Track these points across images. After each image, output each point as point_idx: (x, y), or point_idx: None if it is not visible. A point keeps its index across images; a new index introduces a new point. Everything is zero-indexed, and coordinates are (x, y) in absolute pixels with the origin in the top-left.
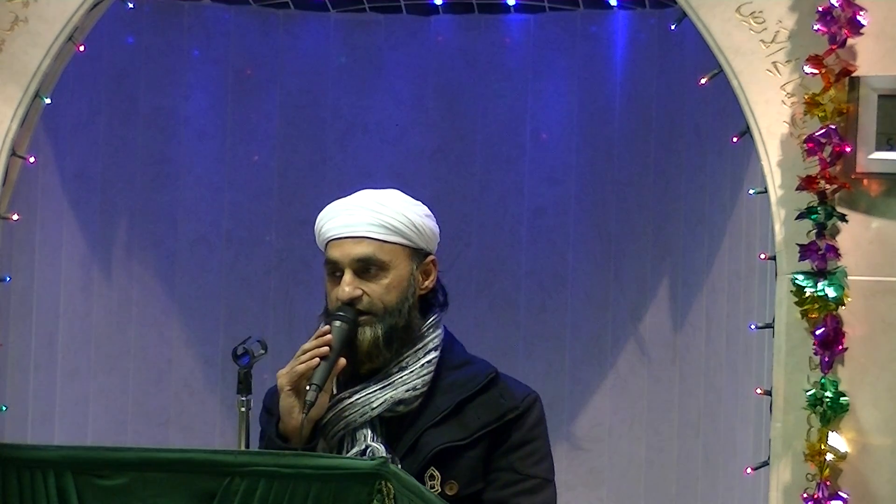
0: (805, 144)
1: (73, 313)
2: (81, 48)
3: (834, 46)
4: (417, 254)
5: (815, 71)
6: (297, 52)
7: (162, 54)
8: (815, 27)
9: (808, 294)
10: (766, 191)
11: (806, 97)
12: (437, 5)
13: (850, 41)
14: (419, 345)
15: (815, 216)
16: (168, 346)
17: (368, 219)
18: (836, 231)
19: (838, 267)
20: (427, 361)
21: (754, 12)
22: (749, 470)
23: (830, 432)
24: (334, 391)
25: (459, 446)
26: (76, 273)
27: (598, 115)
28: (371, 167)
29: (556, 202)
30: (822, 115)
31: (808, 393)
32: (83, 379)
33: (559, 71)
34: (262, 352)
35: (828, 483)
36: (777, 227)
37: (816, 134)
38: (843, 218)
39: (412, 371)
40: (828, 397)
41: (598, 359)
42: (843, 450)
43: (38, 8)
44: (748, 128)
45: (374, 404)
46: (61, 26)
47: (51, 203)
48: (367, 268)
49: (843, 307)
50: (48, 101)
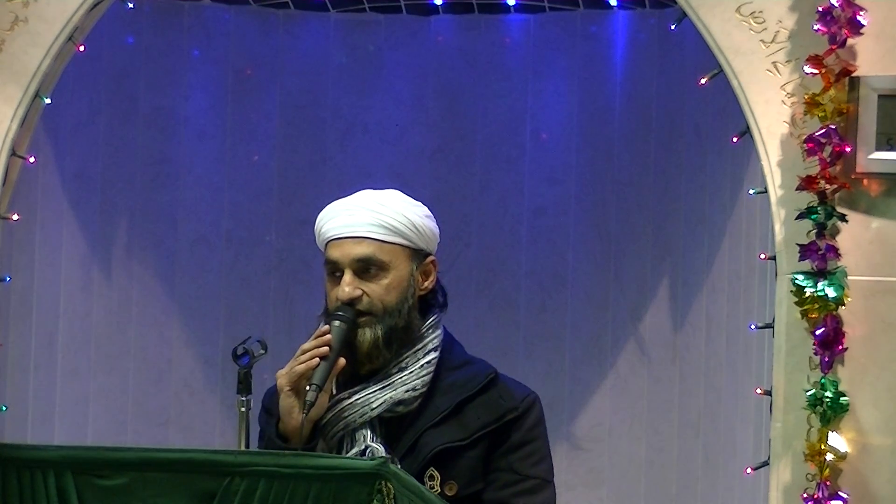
0: (805, 144)
1: (73, 313)
2: (81, 48)
3: (834, 46)
4: (417, 254)
5: (815, 71)
6: (297, 52)
7: (162, 54)
8: (815, 27)
9: (808, 294)
10: (766, 191)
11: (806, 97)
12: (437, 5)
13: (850, 41)
14: (419, 345)
15: (815, 216)
16: (168, 346)
17: (369, 219)
18: (836, 231)
19: (838, 267)
20: (427, 362)
21: (754, 12)
22: (749, 470)
23: (830, 432)
24: (334, 391)
25: (459, 447)
26: (76, 273)
27: (598, 115)
28: (371, 167)
29: (556, 202)
30: (822, 115)
31: (808, 393)
32: (83, 379)
33: (559, 71)
34: (262, 352)
35: (828, 483)
36: (777, 227)
37: (816, 134)
38: (843, 218)
39: (412, 372)
40: (828, 397)
41: (598, 359)
42: (843, 450)
43: (38, 8)
44: (748, 128)
45: (374, 405)
46: (61, 26)
47: (51, 203)
48: (366, 268)
49: (843, 307)
50: (48, 101)
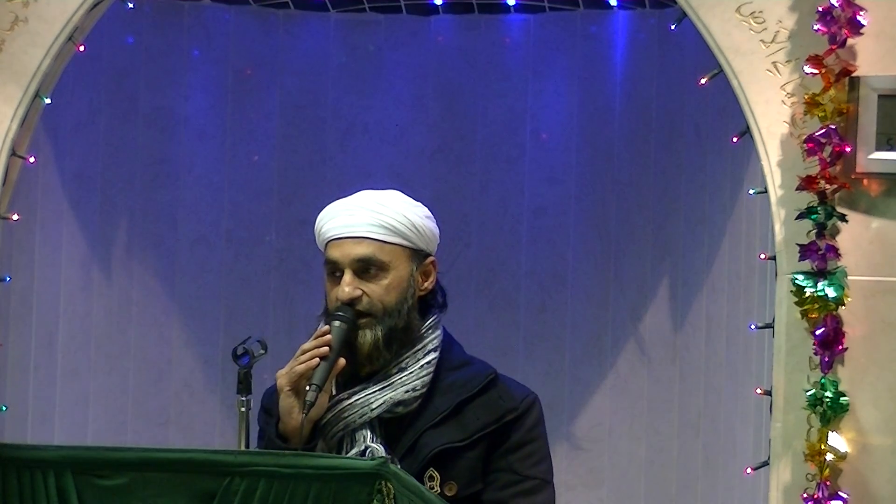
0: (805, 144)
1: (73, 313)
2: (81, 48)
3: (834, 46)
4: (417, 255)
5: (815, 71)
6: (297, 52)
7: (162, 54)
8: (815, 27)
9: (808, 294)
10: (766, 191)
11: (806, 97)
12: (437, 5)
13: (850, 41)
14: (418, 346)
15: (815, 216)
16: (168, 346)
17: (369, 219)
18: (836, 231)
19: (838, 267)
20: (426, 362)
21: (754, 12)
22: (749, 470)
23: (830, 432)
24: (333, 392)
25: (458, 447)
26: (76, 273)
27: (598, 115)
28: (371, 167)
29: (556, 202)
30: (822, 115)
31: (808, 393)
32: (83, 379)
33: (559, 71)
34: (262, 352)
35: (828, 483)
36: (777, 227)
37: (816, 134)
38: (843, 218)
39: (411, 372)
40: (828, 397)
41: (598, 359)
42: (843, 450)
43: (38, 8)
44: (748, 128)
45: (374, 405)
46: (61, 26)
47: (51, 203)
48: (366, 268)
49: (843, 307)
50: (48, 101)
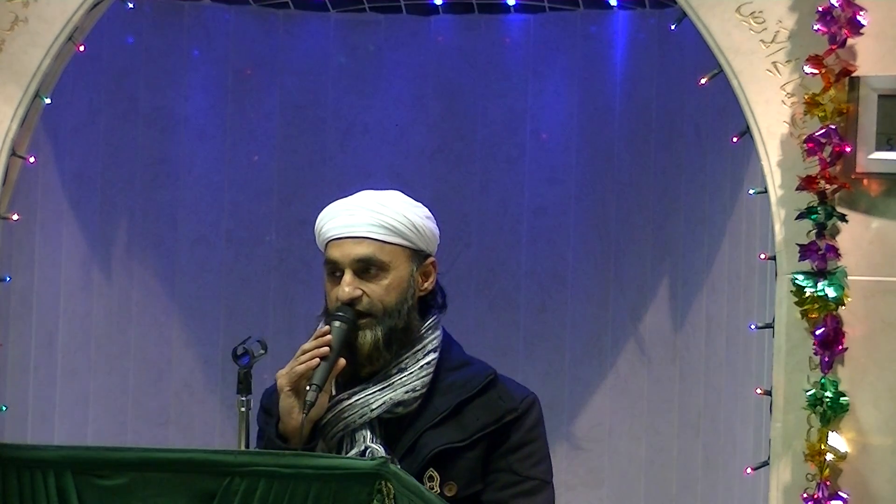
0: (805, 144)
1: (73, 313)
2: (81, 48)
3: (834, 46)
4: (417, 255)
5: (815, 71)
6: (297, 52)
7: (162, 54)
8: (815, 27)
9: (808, 294)
10: (766, 191)
11: (806, 97)
12: (437, 5)
13: (850, 41)
14: (418, 346)
15: (815, 216)
16: (168, 346)
17: (369, 219)
18: (836, 231)
19: (838, 267)
20: (426, 363)
21: (754, 12)
22: (749, 470)
23: (830, 432)
24: (333, 392)
25: (458, 447)
26: (76, 273)
27: (598, 115)
28: (371, 167)
29: (556, 202)
30: (822, 115)
31: (808, 393)
32: (83, 379)
33: (559, 71)
34: (262, 352)
35: (828, 483)
36: (777, 227)
37: (816, 134)
38: (843, 218)
39: (411, 372)
40: (828, 397)
41: (598, 359)
42: (843, 450)
43: (38, 8)
44: (748, 128)
45: (373, 405)
46: (61, 26)
47: (51, 203)
48: (367, 268)
49: (843, 307)
50: (48, 101)
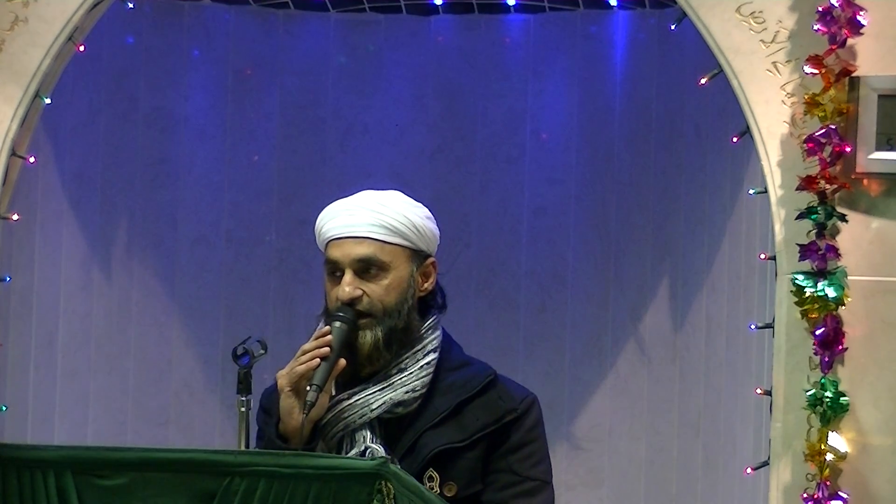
0: (805, 144)
1: (73, 313)
2: (81, 48)
3: (834, 46)
4: (418, 255)
5: (815, 71)
6: (297, 52)
7: (162, 54)
8: (815, 27)
9: (808, 294)
10: (766, 191)
11: (806, 97)
12: (437, 5)
13: (850, 41)
14: (418, 346)
15: (815, 216)
16: (168, 346)
17: (370, 219)
18: (836, 231)
19: (838, 267)
20: (426, 363)
21: (754, 12)
22: (749, 470)
23: (830, 432)
24: (333, 392)
25: (458, 448)
26: (76, 273)
27: (598, 115)
28: (371, 167)
29: (556, 202)
30: (822, 115)
31: (808, 393)
32: (83, 379)
33: (559, 71)
34: (262, 352)
35: (828, 483)
36: (777, 227)
37: (816, 134)
38: (843, 218)
39: (411, 373)
40: (828, 397)
41: (598, 359)
42: (843, 450)
43: (38, 8)
44: (748, 128)
45: (373, 406)
46: (61, 26)
47: (51, 203)
48: (367, 268)
49: (843, 307)
50: (48, 101)
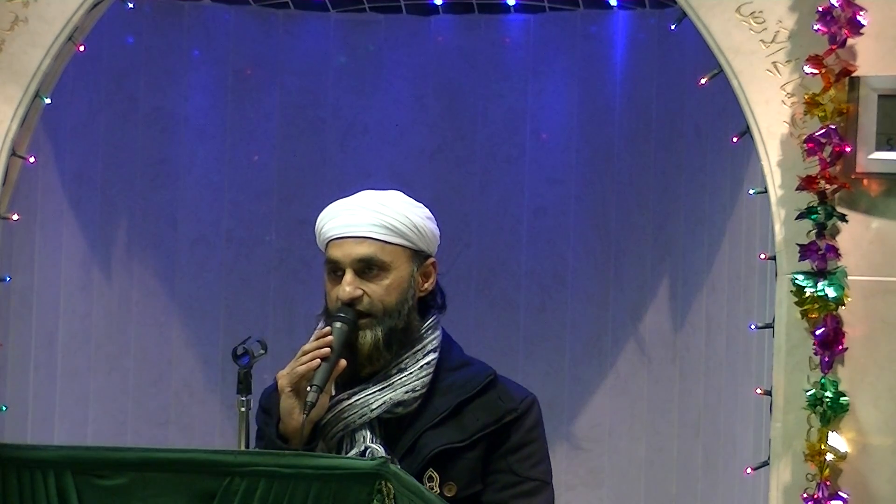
0: (805, 144)
1: (73, 313)
2: (81, 48)
3: (834, 46)
4: (418, 256)
5: (815, 71)
6: (297, 52)
7: (162, 54)
8: (815, 27)
9: (808, 294)
10: (766, 191)
11: (806, 97)
12: (437, 5)
13: (850, 41)
14: (418, 346)
15: (815, 216)
16: (168, 346)
17: (370, 219)
18: (836, 231)
19: (838, 267)
20: (426, 363)
21: (754, 12)
22: (749, 470)
23: (830, 432)
24: (333, 392)
25: (458, 448)
26: (76, 273)
27: (598, 115)
28: (371, 167)
29: (556, 202)
30: (822, 115)
31: (808, 393)
32: (83, 379)
33: (559, 71)
34: (262, 352)
35: (828, 483)
36: (777, 227)
37: (816, 134)
38: (843, 218)
39: (411, 373)
40: (828, 397)
41: (598, 359)
42: (843, 450)
43: (38, 8)
44: (748, 128)
45: (373, 406)
46: (61, 26)
47: (51, 203)
48: (368, 268)
49: (843, 307)
50: (48, 101)
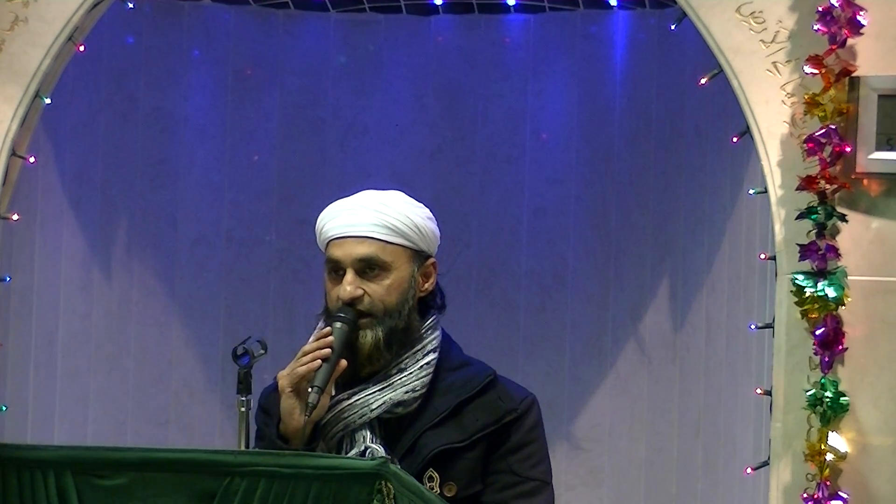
0: (805, 144)
1: (73, 313)
2: (81, 48)
3: (834, 46)
4: (418, 256)
5: (815, 71)
6: (297, 52)
7: (162, 54)
8: (815, 27)
9: (808, 294)
10: (766, 191)
11: (806, 97)
12: (437, 5)
13: (850, 41)
14: (417, 346)
15: (815, 216)
16: (168, 346)
17: (372, 219)
18: (836, 231)
19: (838, 267)
20: (426, 363)
21: (754, 12)
22: (749, 470)
23: (830, 432)
24: (333, 392)
25: (458, 448)
26: (76, 273)
27: (598, 115)
28: (371, 167)
29: (556, 202)
30: (822, 115)
31: (808, 393)
32: (83, 379)
33: (559, 71)
34: (262, 352)
35: (828, 483)
36: (777, 227)
37: (816, 134)
38: (843, 218)
39: (411, 373)
40: (828, 397)
41: (598, 359)
42: (843, 450)
43: (38, 8)
44: (748, 128)
45: (373, 406)
46: (61, 26)
47: (51, 203)
48: (368, 268)
49: (843, 307)
50: (48, 101)
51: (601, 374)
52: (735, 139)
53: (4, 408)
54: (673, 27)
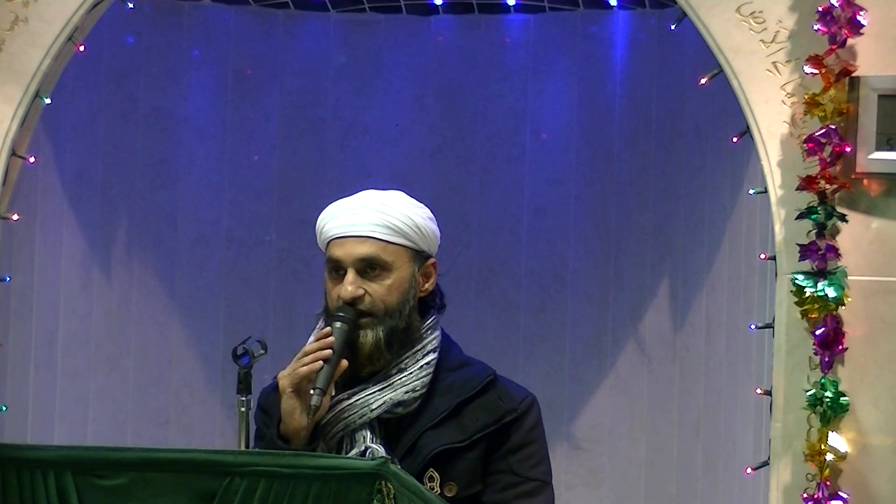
0: (805, 144)
1: (73, 313)
2: (81, 48)
3: (834, 46)
4: (419, 256)
5: (815, 71)
6: (297, 52)
7: (162, 54)
8: (815, 27)
9: (808, 294)
10: (766, 191)
11: (806, 97)
12: (437, 5)
13: (850, 41)
14: (418, 346)
15: (815, 216)
16: (168, 346)
17: (373, 219)
18: (836, 231)
19: (838, 267)
20: (426, 363)
21: (754, 12)
22: (749, 470)
23: (830, 432)
24: (333, 392)
25: (458, 448)
26: (76, 273)
27: (598, 115)
28: (371, 167)
29: (556, 202)
30: (822, 115)
31: (808, 393)
32: (83, 379)
33: (559, 71)
34: (262, 352)
35: (828, 483)
36: (777, 227)
37: (816, 134)
38: (843, 218)
39: (411, 373)
40: (828, 397)
41: (598, 359)
42: (843, 450)
43: (38, 8)
44: (748, 128)
45: (373, 406)
46: (61, 26)
47: (51, 203)
48: (369, 268)
49: (843, 307)
50: (48, 101)
51: (601, 374)
52: (735, 139)
53: (4, 408)
54: (673, 27)
